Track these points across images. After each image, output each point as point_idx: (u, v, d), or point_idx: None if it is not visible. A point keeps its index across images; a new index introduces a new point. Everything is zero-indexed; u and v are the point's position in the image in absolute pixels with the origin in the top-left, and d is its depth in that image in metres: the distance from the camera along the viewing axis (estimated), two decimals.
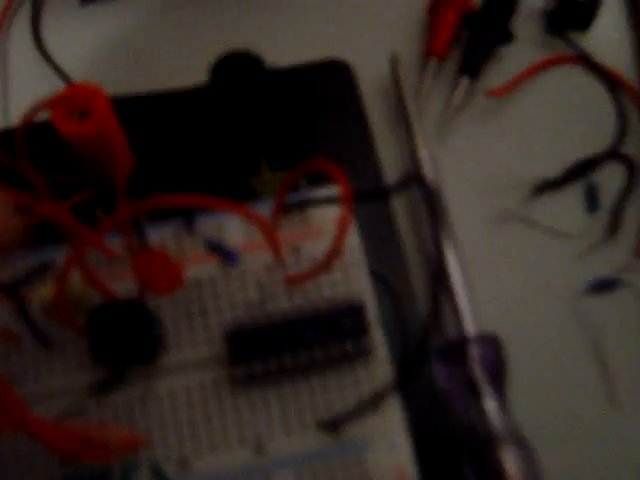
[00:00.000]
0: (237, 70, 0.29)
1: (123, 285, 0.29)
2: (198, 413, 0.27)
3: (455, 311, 0.30)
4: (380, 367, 0.28)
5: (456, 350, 0.30)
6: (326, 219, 0.29)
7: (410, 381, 0.27)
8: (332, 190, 0.30)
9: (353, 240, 0.29)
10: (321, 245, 0.29)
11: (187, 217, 0.28)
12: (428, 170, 0.32)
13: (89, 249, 0.28)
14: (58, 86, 0.34)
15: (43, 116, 0.31)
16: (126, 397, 0.28)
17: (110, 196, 0.31)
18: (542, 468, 0.26)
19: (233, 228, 0.29)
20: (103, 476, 0.27)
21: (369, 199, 0.28)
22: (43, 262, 0.28)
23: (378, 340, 0.28)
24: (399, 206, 0.32)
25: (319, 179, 0.30)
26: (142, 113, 0.32)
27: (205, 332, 0.28)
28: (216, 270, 0.29)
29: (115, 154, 0.29)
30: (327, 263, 0.27)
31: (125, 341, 0.27)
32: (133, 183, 0.29)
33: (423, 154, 0.32)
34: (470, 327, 0.30)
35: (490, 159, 0.33)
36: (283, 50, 0.33)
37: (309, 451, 0.27)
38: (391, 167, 0.33)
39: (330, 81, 0.33)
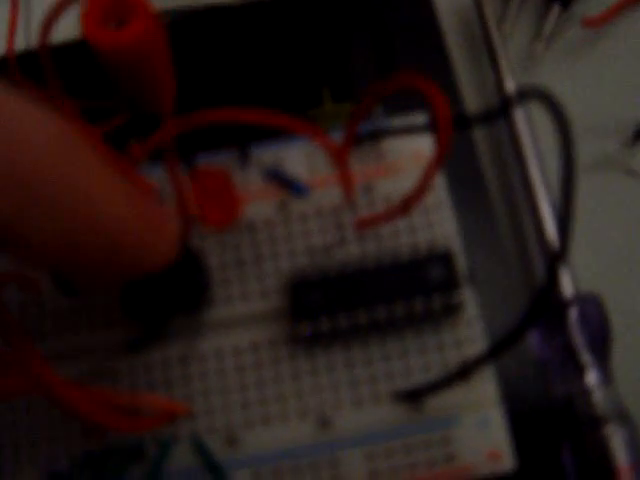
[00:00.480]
0: None
1: None
2: (250, 378, 0.23)
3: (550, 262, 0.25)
4: (470, 328, 0.23)
5: (553, 313, 0.25)
6: (403, 153, 0.24)
7: (511, 348, 0.22)
8: (412, 119, 0.25)
9: (437, 176, 0.24)
10: (397, 183, 0.24)
11: (242, 146, 0.23)
12: (515, 107, 0.27)
13: None
14: None
15: (71, 34, 0.26)
16: (163, 358, 0.23)
17: (146, 124, 0.27)
18: None
19: (294, 161, 0.25)
20: (134, 451, 0.22)
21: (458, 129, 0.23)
22: None
23: (468, 296, 0.23)
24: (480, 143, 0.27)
25: (395, 107, 0.25)
26: (189, 30, 0.27)
27: (259, 283, 0.23)
28: (273, 209, 0.24)
29: (157, 73, 0.24)
30: (412, 202, 0.22)
31: (163, 290, 0.22)
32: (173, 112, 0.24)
33: (510, 89, 0.27)
34: (568, 287, 0.25)
35: (585, 98, 0.29)
36: None
37: (383, 427, 0.22)
38: (473, 104, 0.28)
39: (406, 6, 0.28)
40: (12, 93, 0.15)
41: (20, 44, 0.29)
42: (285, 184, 0.21)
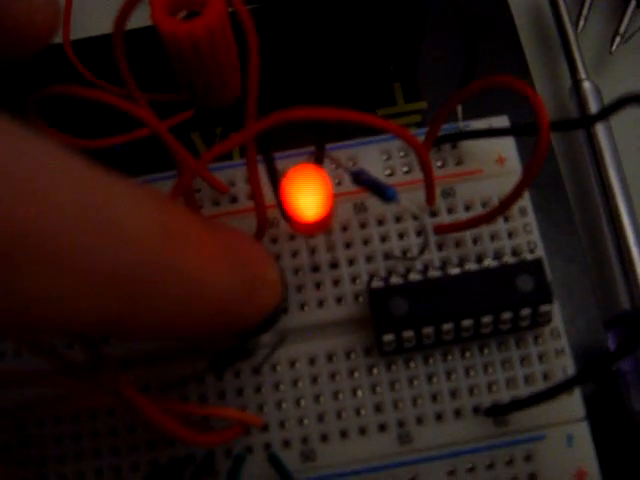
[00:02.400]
0: None
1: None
2: (325, 390, 0.22)
3: (629, 277, 0.24)
4: (555, 340, 0.22)
5: (635, 324, 0.24)
6: (484, 157, 0.23)
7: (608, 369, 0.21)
8: (492, 122, 0.24)
9: None
10: (479, 187, 0.23)
11: (318, 146, 0.22)
12: (592, 106, 0.26)
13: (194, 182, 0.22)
14: None
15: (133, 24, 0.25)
16: (235, 367, 0.22)
17: (209, 121, 0.26)
18: None
19: (370, 162, 0.24)
20: (204, 464, 0.21)
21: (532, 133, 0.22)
22: None
23: (555, 308, 0.22)
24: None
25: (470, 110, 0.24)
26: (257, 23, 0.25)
27: (335, 289, 0.22)
28: (348, 212, 0.23)
29: (226, 67, 0.23)
30: (504, 209, 0.21)
31: None
32: (236, 110, 0.23)
33: (586, 87, 0.26)
34: None
35: None
36: None
37: (465, 442, 0.21)
38: (546, 102, 0.27)
39: (480, 5, 0.27)
40: (95, 170, 0.14)
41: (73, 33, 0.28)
42: (372, 188, 0.20)
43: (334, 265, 0.23)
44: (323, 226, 0.20)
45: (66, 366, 0.19)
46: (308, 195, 0.18)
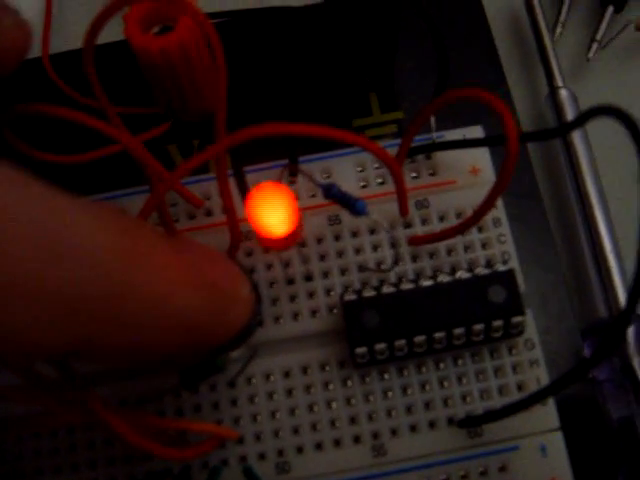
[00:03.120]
0: None
1: (206, 241, 0.23)
2: (300, 402, 0.22)
3: (606, 285, 0.24)
4: (529, 351, 0.22)
5: (609, 332, 0.24)
6: (458, 167, 0.23)
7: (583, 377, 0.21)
8: (466, 132, 0.24)
9: None
10: (453, 198, 0.23)
11: (291, 159, 0.22)
12: (569, 113, 0.26)
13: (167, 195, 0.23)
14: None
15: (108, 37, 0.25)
16: (210, 380, 0.22)
17: (186, 133, 0.26)
18: None
19: (344, 174, 0.24)
20: (180, 477, 0.21)
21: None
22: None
23: (529, 318, 0.22)
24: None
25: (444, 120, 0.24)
26: (230, 36, 0.26)
27: (310, 302, 0.22)
28: (322, 225, 0.23)
29: (200, 80, 0.23)
30: (476, 220, 0.21)
31: None
32: (211, 122, 0.23)
33: (563, 95, 0.26)
34: (625, 304, 0.24)
35: (638, 105, 0.27)
36: None
37: (440, 453, 0.21)
38: (523, 109, 0.27)
39: (455, 9, 0.27)
40: (55, 194, 0.14)
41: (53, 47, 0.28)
42: (342, 202, 0.20)
43: (308, 278, 0.23)
44: (291, 241, 0.20)
45: (37, 381, 0.19)
46: (272, 213, 0.18)
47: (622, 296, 0.24)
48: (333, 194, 0.20)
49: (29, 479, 0.22)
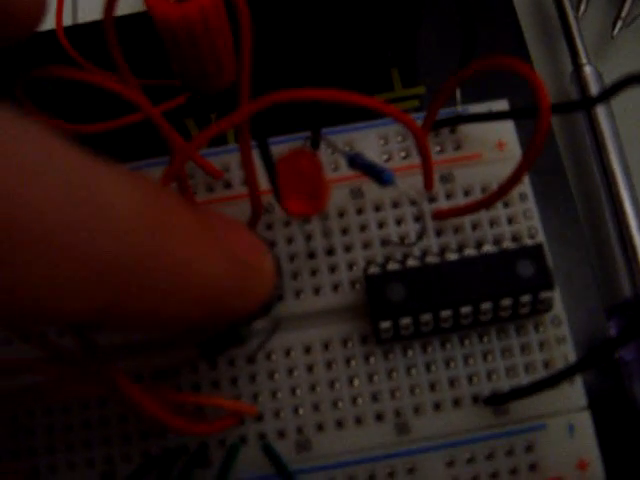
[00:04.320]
0: None
1: (225, 213, 0.22)
2: (321, 379, 0.21)
3: (632, 263, 0.24)
4: (556, 328, 0.21)
5: (637, 312, 0.24)
6: (484, 141, 0.23)
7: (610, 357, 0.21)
8: (492, 106, 0.23)
9: None
10: (478, 172, 0.23)
11: (314, 130, 0.22)
12: (593, 90, 0.26)
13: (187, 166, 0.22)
14: None
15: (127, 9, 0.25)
16: (229, 355, 0.21)
17: (204, 107, 0.25)
18: None
19: (367, 147, 0.23)
20: (197, 455, 0.21)
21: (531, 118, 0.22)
22: None
23: (556, 295, 0.21)
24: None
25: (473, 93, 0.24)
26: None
27: (332, 276, 0.22)
28: (345, 198, 0.22)
29: (220, 50, 0.23)
30: (503, 194, 0.20)
31: None
32: (232, 94, 0.23)
33: (587, 72, 0.26)
34: None
35: None
36: None
37: (464, 432, 0.21)
38: (547, 87, 0.26)
39: None
40: (81, 153, 0.13)
41: (66, 19, 0.28)
42: (369, 172, 0.20)
43: (330, 252, 0.22)
44: (318, 207, 0.19)
45: (57, 354, 0.19)
46: (302, 180, 0.18)
47: None
48: (359, 164, 0.20)
49: (41, 455, 0.21)
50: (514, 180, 0.20)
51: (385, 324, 0.20)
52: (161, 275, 0.15)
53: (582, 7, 0.28)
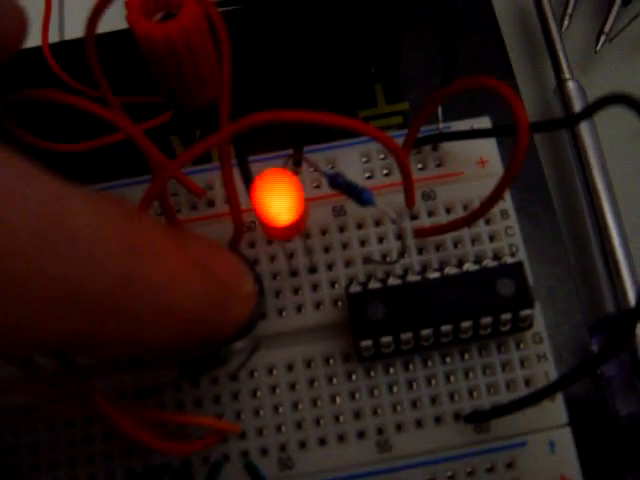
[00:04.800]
0: None
1: (208, 231, 0.22)
2: (304, 396, 0.21)
3: (614, 279, 0.24)
4: (537, 345, 0.21)
5: (618, 328, 0.24)
6: (465, 158, 0.23)
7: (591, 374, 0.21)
8: (473, 123, 0.23)
9: None
10: (460, 189, 0.23)
11: (295, 148, 0.22)
12: (577, 105, 0.26)
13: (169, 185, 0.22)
14: None
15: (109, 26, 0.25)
16: (212, 374, 0.21)
17: (188, 124, 0.25)
18: None
19: (349, 164, 0.23)
20: (180, 472, 0.21)
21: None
22: None
23: (537, 312, 0.21)
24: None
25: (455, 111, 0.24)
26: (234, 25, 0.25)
27: (314, 294, 0.22)
28: (326, 216, 0.23)
29: (203, 67, 0.23)
30: (484, 212, 0.20)
31: None
32: (216, 111, 0.23)
33: (571, 87, 0.26)
34: (633, 300, 0.24)
35: None
36: None
37: (446, 449, 0.21)
38: (530, 102, 0.27)
39: (464, 4, 0.26)
40: (55, 180, 0.13)
41: (53, 36, 0.28)
42: (349, 192, 0.20)
43: (312, 270, 0.22)
44: (296, 230, 0.19)
45: (38, 375, 0.19)
46: (278, 200, 0.18)
47: (630, 291, 0.23)
48: (339, 183, 0.20)
49: (25, 474, 0.22)
50: (495, 197, 0.20)
51: (366, 343, 0.21)
52: (135, 300, 0.15)
53: (565, 22, 0.28)
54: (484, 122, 0.24)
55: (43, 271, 0.12)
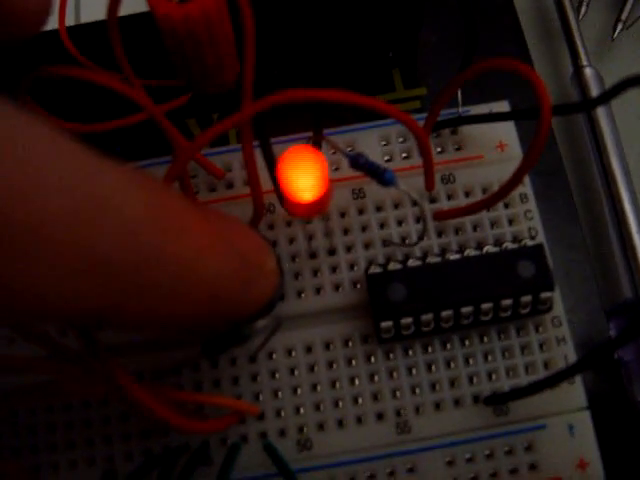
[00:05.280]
0: None
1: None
2: (323, 378, 0.21)
3: (632, 265, 0.24)
4: (556, 328, 0.21)
5: (636, 313, 0.24)
6: (484, 142, 0.23)
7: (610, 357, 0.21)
8: (492, 107, 0.23)
9: None
10: (478, 173, 0.23)
11: (316, 130, 0.22)
12: (594, 92, 0.26)
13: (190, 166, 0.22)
14: None
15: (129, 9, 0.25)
16: (230, 355, 0.21)
17: (206, 107, 0.25)
18: None
19: (369, 147, 0.23)
20: (198, 453, 0.21)
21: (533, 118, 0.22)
22: None
23: (556, 295, 0.21)
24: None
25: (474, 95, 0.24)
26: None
27: (333, 276, 0.22)
28: (346, 199, 0.23)
29: (223, 50, 0.23)
30: (504, 195, 0.20)
31: None
32: (234, 95, 0.23)
33: (588, 74, 0.26)
34: None
35: None
36: None
37: (465, 431, 0.21)
38: (548, 89, 0.26)
39: None
40: (87, 151, 0.13)
41: (69, 20, 0.28)
42: (370, 172, 0.20)
43: (332, 252, 0.22)
44: (320, 207, 0.19)
45: (60, 353, 0.19)
46: (304, 175, 0.18)
47: None
48: (361, 164, 0.20)
49: (42, 454, 0.22)
50: (515, 181, 0.20)
51: (386, 324, 0.21)
52: (166, 275, 0.15)
53: (583, 10, 0.28)
54: (503, 106, 0.24)
55: (73, 242, 0.12)
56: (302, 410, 0.21)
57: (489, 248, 0.21)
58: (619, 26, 0.28)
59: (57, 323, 0.18)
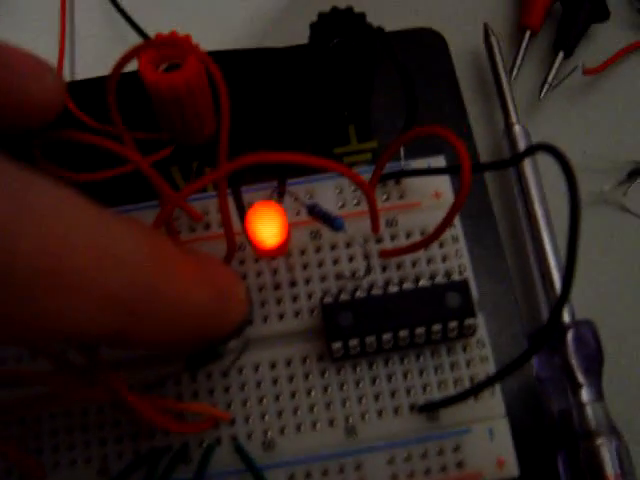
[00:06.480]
0: (338, 26, 0.27)
1: (204, 250, 0.27)
2: (284, 390, 0.26)
3: (550, 295, 0.28)
4: (480, 349, 0.26)
5: (543, 330, 0.28)
6: (423, 192, 0.27)
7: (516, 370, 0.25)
8: (431, 162, 0.28)
9: None
10: (418, 217, 0.27)
11: (280, 182, 0.26)
12: (521, 147, 0.30)
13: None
14: (130, 40, 0.32)
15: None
16: (207, 370, 0.26)
17: (187, 156, 0.29)
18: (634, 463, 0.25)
19: (325, 196, 0.27)
20: (179, 453, 0.25)
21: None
22: None
23: (479, 320, 0.26)
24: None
25: (415, 151, 0.28)
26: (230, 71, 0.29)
27: (294, 305, 0.26)
28: (305, 239, 0.27)
29: (203, 110, 0.27)
30: (435, 237, 0.25)
31: None
32: (211, 147, 0.27)
33: (517, 130, 0.30)
34: (566, 314, 0.28)
35: (583, 140, 0.32)
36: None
37: (403, 435, 0.25)
38: (482, 142, 0.31)
39: (423, 51, 0.31)
40: (99, 207, 0.17)
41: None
42: (323, 219, 0.24)
43: (293, 284, 0.26)
44: (281, 251, 0.24)
45: (64, 366, 0.23)
46: (267, 227, 0.22)
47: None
48: (316, 212, 0.24)
49: (47, 455, 0.25)
50: (445, 224, 0.25)
51: (337, 345, 0.25)
52: (161, 304, 0.18)
53: (514, 72, 0.33)
54: (439, 161, 0.28)
55: (90, 282, 0.16)
56: (267, 417, 0.25)
57: (423, 282, 0.25)
58: (546, 87, 0.32)
59: (69, 342, 0.22)
